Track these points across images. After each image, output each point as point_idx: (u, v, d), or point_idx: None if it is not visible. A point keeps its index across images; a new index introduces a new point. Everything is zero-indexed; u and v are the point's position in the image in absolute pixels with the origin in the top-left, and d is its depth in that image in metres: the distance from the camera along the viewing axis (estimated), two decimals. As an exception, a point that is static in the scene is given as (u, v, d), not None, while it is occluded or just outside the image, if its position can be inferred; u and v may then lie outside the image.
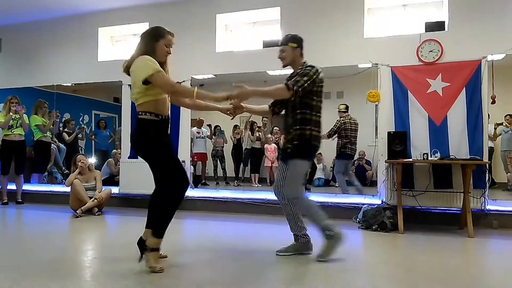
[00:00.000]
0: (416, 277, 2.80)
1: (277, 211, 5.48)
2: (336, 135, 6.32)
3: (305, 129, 3.13)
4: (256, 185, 8.00)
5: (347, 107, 6.50)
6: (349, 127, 6.33)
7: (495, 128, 6.76)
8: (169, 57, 3.01)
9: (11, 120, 6.29)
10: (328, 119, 8.51)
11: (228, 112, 3.27)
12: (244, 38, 6.40)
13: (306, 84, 3.08)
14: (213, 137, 8.56)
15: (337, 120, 6.36)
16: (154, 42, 2.88)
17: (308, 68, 3.18)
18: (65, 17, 6.81)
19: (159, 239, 2.84)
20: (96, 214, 5.36)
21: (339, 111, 6.45)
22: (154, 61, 2.79)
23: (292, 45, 3.33)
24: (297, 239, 3.33)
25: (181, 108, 6.11)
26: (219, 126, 8.70)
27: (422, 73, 5.00)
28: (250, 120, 8.18)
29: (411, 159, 4.72)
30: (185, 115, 6.13)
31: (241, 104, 3.28)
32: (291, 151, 3.16)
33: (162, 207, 2.92)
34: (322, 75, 3.20)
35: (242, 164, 8.55)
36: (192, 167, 6.79)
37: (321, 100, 3.21)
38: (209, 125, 8.52)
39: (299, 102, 3.16)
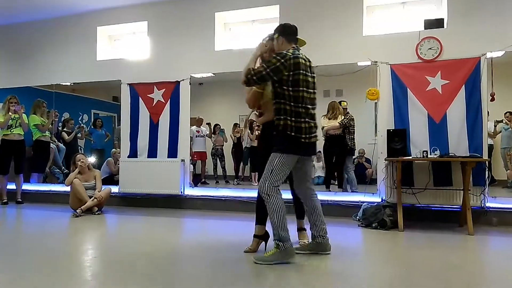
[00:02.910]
0: (416, 275, 2.80)
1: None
2: (341, 129, 6.28)
3: (279, 119, 2.96)
4: (256, 184, 7.99)
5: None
6: (354, 123, 6.36)
7: (495, 126, 6.76)
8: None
9: (10, 120, 6.28)
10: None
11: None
12: (243, 36, 6.39)
13: (264, 72, 2.90)
14: (213, 135, 8.56)
15: (349, 116, 6.34)
16: None
17: (275, 55, 2.97)
18: (64, 17, 6.79)
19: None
20: (96, 213, 5.36)
21: (343, 108, 6.44)
22: None
23: (275, 37, 3.15)
24: (314, 238, 3.27)
25: (181, 106, 6.12)
26: (219, 125, 8.70)
27: (421, 71, 4.99)
28: (249, 118, 8.17)
29: (410, 157, 4.72)
30: (185, 113, 6.12)
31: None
32: (273, 143, 3.02)
33: None
34: (296, 61, 2.91)
35: (242, 163, 8.55)
36: (191, 165, 6.79)
37: (299, 89, 2.93)
38: (209, 124, 8.53)
39: (273, 92, 3.01)
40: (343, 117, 6.31)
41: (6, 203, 6.31)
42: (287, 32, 3.13)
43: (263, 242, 3.34)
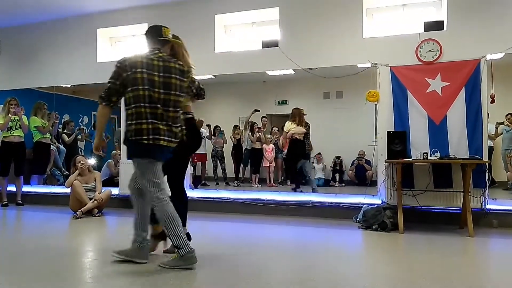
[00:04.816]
0: (416, 277, 2.80)
1: (277, 211, 5.50)
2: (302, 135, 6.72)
3: (126, 126, 2.86)
4: (256, 186, 8.00)
5: None
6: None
7: (496, 127, 6.75)
8: None
9: (10, 122, 6.28)
10: (328, 118, 8.61)
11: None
12: (243, 39, 6.40)
13: (109, 84, 2.84)
14: (213, 137, 8.55)
15: (308, 124, 6.89)
16: None
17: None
18: (64, 18, 6.80)
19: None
20: (96, 215, 5.35)
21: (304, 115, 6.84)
22: None
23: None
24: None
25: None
26: (218, 126, 8.70)
27: (421, 73, 5.00)
28: (250, 120, 8.18)
29: (411, 159, 4.72)
30: (185, 115, 6.11)
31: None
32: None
33: None
34: (133, 60, 2.82)
35: (242, 165, 8.55)
36: (192, 167, 6.78)
37: (138, 88, 2.77)
38: (208, 126, 8.52)
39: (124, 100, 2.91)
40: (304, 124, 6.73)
41: (6, 205, 6.30)
42: (150, 34, 3.04)
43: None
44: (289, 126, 6.68)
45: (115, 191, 6.12)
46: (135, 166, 2.90)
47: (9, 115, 6.28)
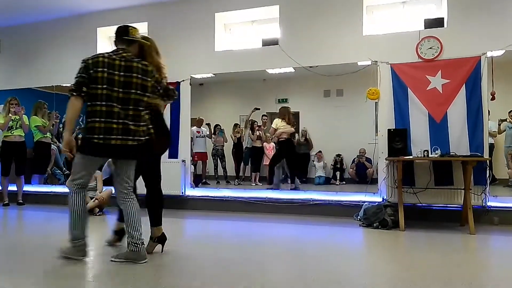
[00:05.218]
0: (417, 275, 2.80)
1: (277, 209, 5.51)
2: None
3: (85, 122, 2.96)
4: (255, 184, 8.00)
5: None
6: None
7: (499, 124, 6.74)
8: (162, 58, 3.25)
9: (11, 121, 6.29)
10: (328, 116, 8.61)
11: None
12: (243, 37, 6.39)
13: (76, 77, 2.89)
14: (213, 136, 8.55)
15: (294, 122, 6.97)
16: None
17: None
18: (64, 18, 6.80)
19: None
20: (97, 214, 5.36)
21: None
22: None
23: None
24: (128, 246, 3.05)
25: (181, 107, 6.13)
26: (219, 125, 8.70)
27: (422, 70, 4.99)
28: (250, 119, 8.17)
29: (411, 157, 4.72)
30: (185, 114, 6.12)
31: None
32: None
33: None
34: (95, 60, 2.88)
35: (242, 163, 8.55)
36: (192, 166, 6.78)
37: (97, 87, 2.84)
38: (208, 124, 8.53)
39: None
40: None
41: (7, 204, 6.32)
42: (117, 34, 3.12)
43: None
44: (279, 123, 6.69)
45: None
46: (76, 160, 2.97)
47: (10, 115, 6.28)
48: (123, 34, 3.08)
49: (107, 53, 2.98)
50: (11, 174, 6.43)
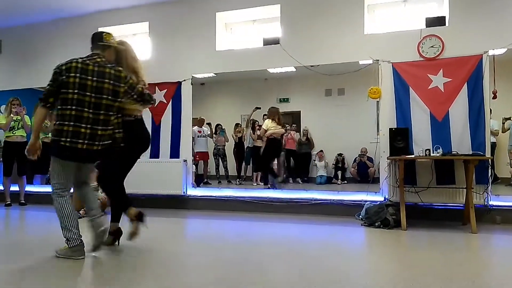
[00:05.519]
0: (419, 273, 2.79)
1: (279, 209, 5.50)
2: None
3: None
4: (258, 184, 8.00)
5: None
6: None
7: (503, 123, 6.70)
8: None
9: (12, 122, 6.30)
10: (330, 115, 8.60)
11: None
12: (244, 36, 6.39)
13: (47, 87, 3.04)
14: (214, 136, 8.56)
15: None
16: None
17: None
18: (66, 18, 6.80)
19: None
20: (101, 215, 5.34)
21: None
22: None
23: None
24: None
25: (182, 107, 6.13)
26: (220, 124, 8.70)
27: (423, 69, 4.98)
28: (251, 118, 8.17)
29: (413, 156, 4.71)
30: (187, 114, 6.12)
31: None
32: None
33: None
34: (68, 66, 3.02)
35: (244, 163, 8.55)
36: (194, 166, 6.79)
37: (68, 92, 2.95)
38: (209, 124, 8.53)
39: None
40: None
41: (9, 204, 6.33)
42: (92, 39, 3.27)
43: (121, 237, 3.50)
44: (269, 124, 6.73)
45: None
46: (50, 162, 3.10)
47: (11, 115, 6.30)
48: (98, 40, 3.21)
49: (81, 58, 3.08)
50: (13, 174, 6.44)
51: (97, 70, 3.03)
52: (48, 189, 6.97)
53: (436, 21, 5.07)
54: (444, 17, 5.09)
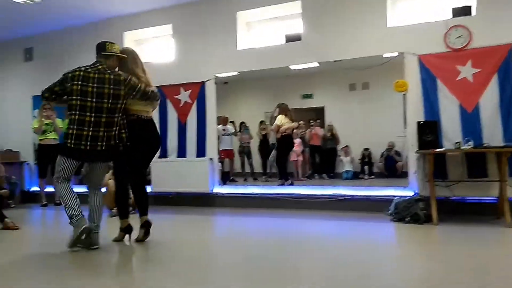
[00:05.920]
0: (453, 270, 2.75)
1: (306, 205, 5.50)
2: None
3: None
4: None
5: None
6: None
7: None
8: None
9: (44, 125, 6.55)
10: (354, 110, 8.50)
11: None
12: (265, 34, 6.39)
13: (51, 85, 3.40)
14: (238, 133, 8.61)
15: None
16: None
17: None
18: (93, 23, 6.97)
19: None
20: (131, 213, 5.48)
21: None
22: None
23: None
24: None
25: (207, 106, 6.21)
26: (244, 122, 8.75)
27: (451, 60, 4.86)
28: (275, 115, 8.17)
29: (443, 149, 4.61)
30: (211, 113, 6.20)
31: None
32: None
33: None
34: (73, 74, 3.33)
35: (268, 160, 8.57)
36: (219, 164, 6.86)
37: (73, 98, 3.29)
38: (232, 122, 8.58)
39: None
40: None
41: (45, 205, 6.59)
42: (97, 49, 3.58)
43: (128, 235, 3.75)
44: (283, 120, 6.84)
45: (148, 189, 6.25)
46: (58, 159, 3.44)
47: (43, 119, 6.54)
48: (101, 49, 3.53)
49: (84, 66, 3.40)
50: (48, 176, 6.68)
51: (97, 77, 3.34)
52: (81, 189, 7.22)
53: (462, 11, 4.94)
54: (470, 6, 4.94)
